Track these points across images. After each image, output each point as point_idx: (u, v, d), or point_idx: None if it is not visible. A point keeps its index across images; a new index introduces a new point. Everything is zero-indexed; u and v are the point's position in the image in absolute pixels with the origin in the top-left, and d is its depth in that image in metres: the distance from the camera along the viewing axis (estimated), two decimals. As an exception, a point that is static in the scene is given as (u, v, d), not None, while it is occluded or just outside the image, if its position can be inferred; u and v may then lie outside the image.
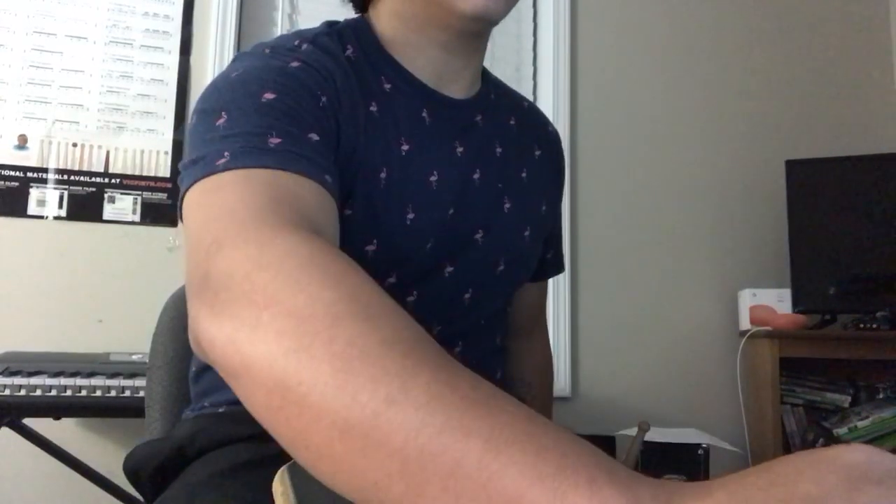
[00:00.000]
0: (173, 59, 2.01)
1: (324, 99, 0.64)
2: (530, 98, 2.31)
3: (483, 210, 0.77)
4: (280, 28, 2.13)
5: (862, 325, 2.06)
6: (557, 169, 0.92)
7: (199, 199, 0.54)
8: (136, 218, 1.92)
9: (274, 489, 0.46)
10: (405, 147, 0.71)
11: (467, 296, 0.77)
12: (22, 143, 1.88)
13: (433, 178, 0.72)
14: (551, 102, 2.26)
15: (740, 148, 2.40)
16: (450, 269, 0.75)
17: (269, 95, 0.61)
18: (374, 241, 0.68)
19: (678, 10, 2.43)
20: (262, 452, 0.61)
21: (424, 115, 0.73)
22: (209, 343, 0.43)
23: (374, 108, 0.70)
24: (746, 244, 2.35)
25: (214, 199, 0.52)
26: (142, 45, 2.00)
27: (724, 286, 2.30)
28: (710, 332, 2.28)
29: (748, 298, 2.18)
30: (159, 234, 1.92)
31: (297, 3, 2.15)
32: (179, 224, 0.57)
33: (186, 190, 0.56)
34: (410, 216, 0.70)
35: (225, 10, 2.03)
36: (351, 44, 0.72)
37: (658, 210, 2.32)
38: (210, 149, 0.56)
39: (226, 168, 0.54)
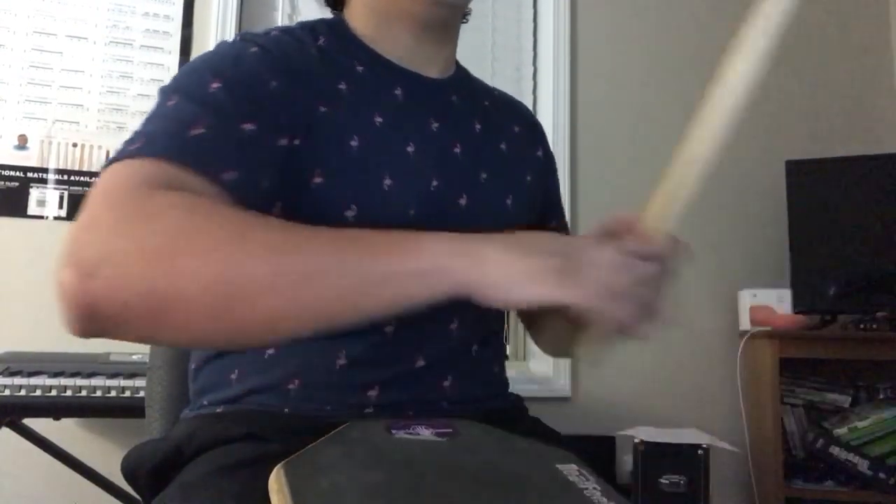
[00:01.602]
0: (173, 60, 2.01)
1: (273, 83, 0.66)
2: (530, 98, 2.32)
3: (466, 180, 0.78)
4: (280, 28, 2.13)
5: (862, 326, 2.05)
6: (541, 145, 0.94)
7: (101, 177, 0.56)
8: (136, 218, 1.92)
9: (270, 487, 0.46)
10: (378, 119, 0.72)
11: None
12: (22, 143, 1.88)
13: (410, 150, 0.73)
14: (551, 102, 2.26)
15: (740, 148, 2.39)
16: None
17: (215, 84, 0.62)
18: (353, 206, 0.69)
19: (677, 9, 2.43)
20: (259, 451, 0.61)
21: (398, 92, 0.76)
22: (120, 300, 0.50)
23: (342, 86, 0.72)
24: (746, 244, 2.34)
25: (106, 179, 0.54)
26: (142, 46, 2.00)
27: (724, 286, 2.29)
28: (710, 332, 2.28)
29: (748, 299, 2.18)
30: (159, 235, 1.92)
31: (297, 4, 2.15)
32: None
33: (105, 167, 0.57)
34: (388, 182, 0.70)
35: (225, 10, 2.03)
36: (324, 35, 0.75)
37: (658, 210, 2.31)
38: (141, 130, 0.59)
39: (138, 154, 0.56)
